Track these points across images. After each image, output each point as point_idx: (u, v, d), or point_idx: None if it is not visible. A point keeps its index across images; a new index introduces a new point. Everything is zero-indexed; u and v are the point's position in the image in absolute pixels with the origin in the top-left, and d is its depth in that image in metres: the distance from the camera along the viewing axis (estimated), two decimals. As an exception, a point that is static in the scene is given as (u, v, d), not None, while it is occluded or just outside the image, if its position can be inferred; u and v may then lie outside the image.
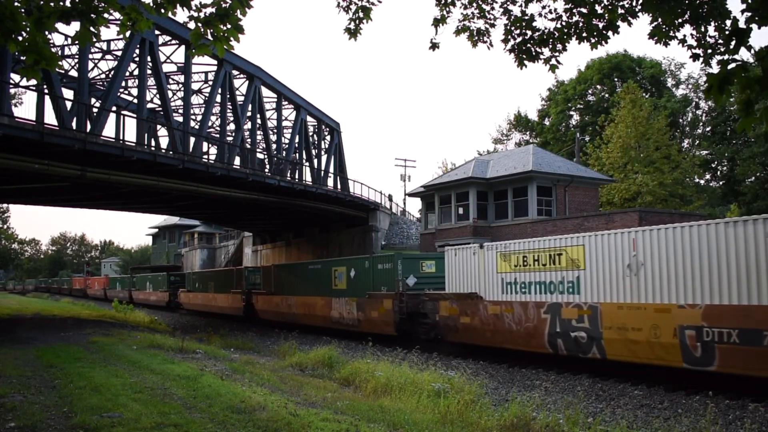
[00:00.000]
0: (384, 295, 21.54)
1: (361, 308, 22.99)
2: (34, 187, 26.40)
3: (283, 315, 29.64)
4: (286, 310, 29.30)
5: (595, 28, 7.54)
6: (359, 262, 23.95)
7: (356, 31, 8.03)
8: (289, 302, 29.09)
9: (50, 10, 4.95)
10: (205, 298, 40.80)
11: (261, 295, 32.45)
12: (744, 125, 4.47)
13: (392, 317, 20.89)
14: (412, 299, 20.47)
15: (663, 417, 10.80)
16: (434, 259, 22.22)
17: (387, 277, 21.82)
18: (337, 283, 25.01)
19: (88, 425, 7.41)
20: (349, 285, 24.13)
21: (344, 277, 24.59)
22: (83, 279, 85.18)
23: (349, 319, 23.81)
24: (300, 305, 27.97)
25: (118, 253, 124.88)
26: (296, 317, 28.31)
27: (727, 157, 49.68)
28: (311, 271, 27.79)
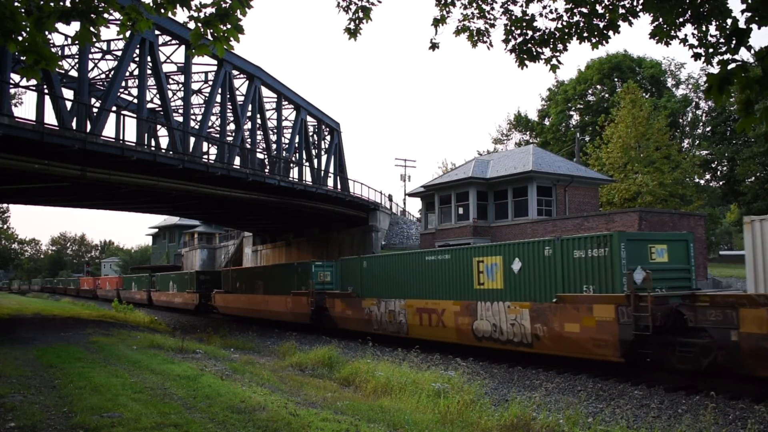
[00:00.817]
0: (593, 299, 14.21)
1: (541, 318, 15.49)
2: (34, 187, 26.40)
3: (380, 325, 22.37)
4: (388, 318, 21.90)
5: (596, 28, 7.54)
6: (531, 248, 16.27)
7: (356, 31, 8.03)
8: (392, 308, 21.70)
9: (50, 10, 4.95)
10: (251, 301, 34.41)
11: (340, 297, 25.39)
12: (744, 125, 4.47)
13: (614, 334, 13.52)
14: (660, 305, 13.01)
15: (663, 417, 10.80)
16: (666, 241, 15.08)
17: (593, 269, 14.48)
18: (483, 280, 17.72)
19: (88, 425, 7.40)
20: (509, 283, 16.80)
21: (498, 271, 17.16)
22: (92, 279, 80.00)
23: (516, 334, 16.32)
24: (414, 312, 20.46)
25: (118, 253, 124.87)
26: (407, 329, 20.87)
27: (727, 157, 49.67)
28: (432, 264, 20.05)
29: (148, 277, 55.01)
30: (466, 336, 18.14)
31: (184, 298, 44.30)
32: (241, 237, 58.11)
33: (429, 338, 19.74)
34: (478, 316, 17.70)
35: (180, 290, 45.39)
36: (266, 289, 32.71)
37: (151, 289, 53.27)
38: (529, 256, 16.25)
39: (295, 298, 28.76)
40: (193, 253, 66.01)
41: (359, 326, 23.36)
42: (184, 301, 44.15)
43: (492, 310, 17.22)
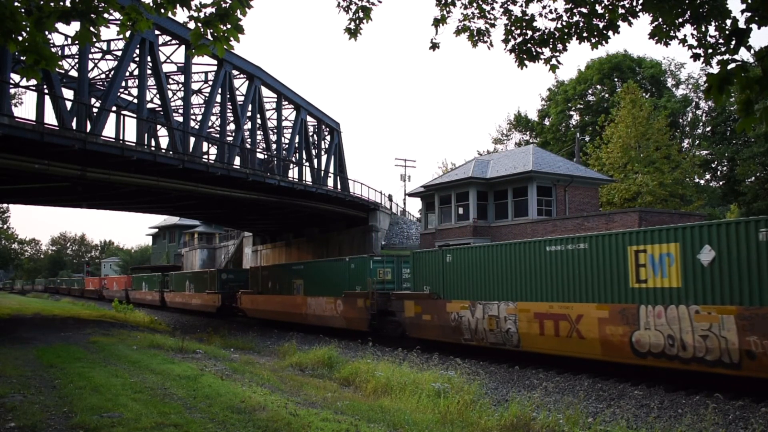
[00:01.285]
0: None
1: (760, 329, 11.23)
2: (34, 187, 26.41)
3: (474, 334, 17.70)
4: (487, 326, 17.21)
5: (596, 28, 7.54)
6: (731, 232, 12.02)
7: (356, 31, 8.03)
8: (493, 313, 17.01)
9: (50, 10, 4.95)
10: (287, 303, 30.02)
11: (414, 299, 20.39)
12: (744, 125, 4.46)
13: None
14: None
15: (663, 417, 10.80)
16: None
17: None
18: (646, 275, 13.36)
19: (88, 425, 7.40)
20: (694, 279, 12.51)
21: (673, 263, 12.87)
22: (98, 279, 75.78)
23: (710, 351, 11.99)
24: (530, 319, 15.84)
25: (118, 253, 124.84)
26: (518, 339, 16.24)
27: (727, 157, 49.69)
28: (557, 255, 15.34)
29: (161, 276, 50.49)
30: (619, 351, 13.64)
31: (203, 300, 39.89)
32: (241, 237, 58.13)
33: (554, 352, 15.34)
34: (641, 325, 13.18)
35: (198, 291, 41.26)
36: (308, 289, 28.21)
37: (164, 289, 49.20)
38: (727, 241, 11.95)
39: (348, 300, 24.20)
40: (193, 253, 66.03)
41: (441, 335, 19.03)
42: (204, 303, 39.75)
43: (666, 316, 12.73)
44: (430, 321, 19.54)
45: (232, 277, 38.64)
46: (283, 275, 31.62)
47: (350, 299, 24.13)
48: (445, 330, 18.90)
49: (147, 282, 54.19)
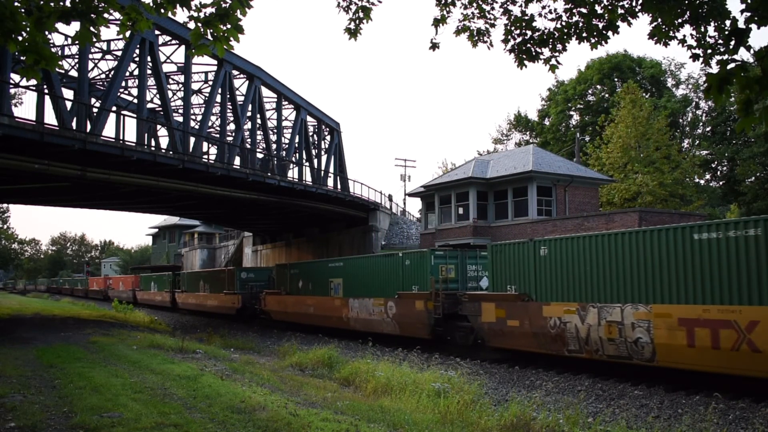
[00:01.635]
0: None
1: None
2: (34, 187, 26.41)
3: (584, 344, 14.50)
4: (605, 334, 13.91)
5: (595, 28, 7.55)
6: None
7: (356, 31, 8.04)
8: (615, 318, 13.72)
9: (50, 10, 4.95)
10: (322, 306, 26.55)
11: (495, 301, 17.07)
12: (743, 125, 4.47)
13: None
14: None
15: (663, 417, 10.80)
16: None
17: None
18: None
19: (88, 425, 7.41)
20: None
21: None
22: (103, 279, 72.13)
23: None
24: (673, 326, 12.61)
25: (118, 253, 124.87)
26: (652, 352, 12.99)
27: (727, 157, 49.70)
28: (712, 245, 12.28)
29: (172, 276, 47.38)
30: None
31: (220, 301, 36.37)
32: (241, 237, 58.14)
33: (710, 369, 12.02)
34: None
35: (214, 291, 37.76)
36: (348, 289, 24.74)
37: (175, 290, 45.81)
38: None
39: (403, 301, 20.98)
40: (193, 253, 66.05)
41: (534, 345, 15.75)
42: (221, 305, 36.28)
43: None
44: (518, 328, 16.08)
45: (253, 276, 35.13)
46: (316, 274, 27.93)
47: (406, 301, 20.73)
48: (541, 339, 15.41)
49: (156, 282, 50.87)
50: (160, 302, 48.73)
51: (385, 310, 22.02)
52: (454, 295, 19.43)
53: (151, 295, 51.12)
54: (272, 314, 31.66)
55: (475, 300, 17.85)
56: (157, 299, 49.37)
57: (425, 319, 19.73)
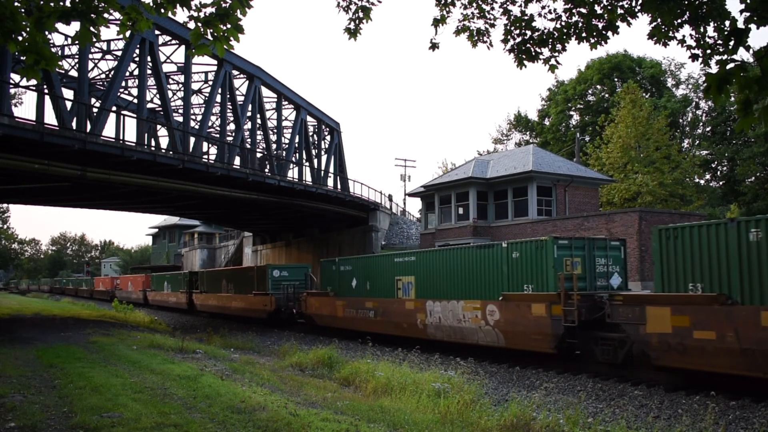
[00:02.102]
0: None
1: None
2: (34, 187, 26.42)
3: None
4: None
5: (595, 29, 7.56)
6: None
7: (356, 31, 8.05)
8: None
9: (50, 10, 4.95)
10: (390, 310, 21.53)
11: (672, 305, 12.65)
12: (743, 125, 4.47)
13: None
14: None
15: (663, 417, 10.80)
16: None
17: None
18: None
19: (88, 425, 7.41)
20: None
21: None
22: (110, 278, 67.31)
23: None
24: None
25: (118, 253, 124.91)
26: None
27: (727, 157, 49.71)
28: None
29: (188, 275, 43.30)
30: None
31: (248, 303, 32.19)
32: (241, 237, 58.16)
33: None
34: None
35: (241, 291, 33.39)
36: (424, 289, 20.19)
37: (192, 290, 41.51)
38: None
39: (512, 305, 16.32)
40: (193, 253, 66.08)
41: (744, 366, 11.32)
42: (249, 307, 32.09)
43: None
44: (716, 343, 11.66)
45: (287, 274, 30.73)
46: (377, 270, 22.93)
47: (516, 305, 16.20)
48: (759, 358, 11.07)
49: (170, 282, 47.04)
50: (174, 304, 45.03)
51: (482, 315, 17.24)
52: (591, 296, 15.33)
53: (165, 296, 47.48)
54: (316, 318, 26.88)
55: (634, 303, 13.56)
56: (171, 300, 45.65)
57: (548, 328, 15.28)
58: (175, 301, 44.74)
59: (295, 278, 30.54)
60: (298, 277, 30.67)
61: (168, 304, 46.69)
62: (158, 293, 49.19)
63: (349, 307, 24.07)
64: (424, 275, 20.34)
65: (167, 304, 46.86)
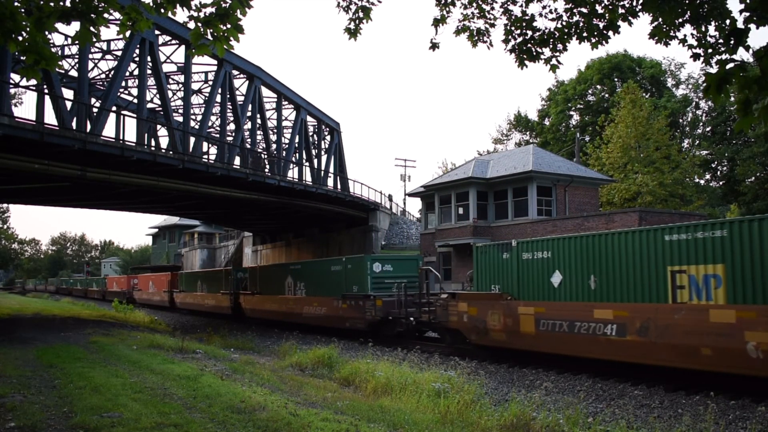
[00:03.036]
0: None
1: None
2: (34, 187, 26.41)
3: None
4: None
5: (596, 28, 7.55)
6: None
7: (356, 31, 8.04)
8: None
9: (50, 10, 4.95)
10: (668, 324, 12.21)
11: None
12: (742, 125, 4.47)
13: None
14: None
15: (663, 417, 10.80)
16: None
17: None
18: None
19: (88, 425, 7.41)
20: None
21: None
22: (126, 278, 60.23)
23: None
24: None
25: (118, 253, 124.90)
26: None
27: (727, 157, 49.70)
28: None
29: (234, 272, 35.19)
30: None
31: (331, 309, 24.08)
32: (241, 237, 58.16)
33: None
34: None
35: (316, 293, 25.62)
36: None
37: (239, 291, 33.52)
38: None
39: None
40: (193, 253, 66.07)
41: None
42: (335, 314, 23.87)
43: None
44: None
45: (391, 269, 22.52)
46: (616, 255, 13.93)
47: None
48: None
49: (206, 281, 39.10)
50: (212, 307, 37.62)
51: None
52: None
53: (197, 298, 40.18)
54: (476, 334, 16.98)
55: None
56: (208, 304, 38.16)
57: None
58: (213, 304, 37.28)
59: (405, 274, 22.57)
60: (407, 273, 22.64)
61: (204, 308, 39.33)
62: (189, 294, 41.82)
63: (553, 318, 14.88)
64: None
65: (203, 307, 39.41)
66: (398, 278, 22.38)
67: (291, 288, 28.19)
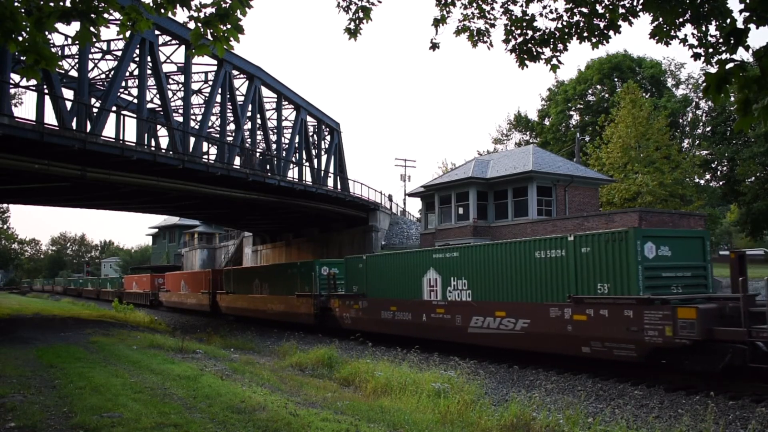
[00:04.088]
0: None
1: None
2: (34, 187, 26.41)
3: None
4: None
5: (596, 28, 7.55)
6: None
7: (356, 31, 8.05)
8: None
9: (50, 10, 4.95)
10: None
11: None
12: (742, 125, 4.46)
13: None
14: None
15: (663, 417, 10.80)
16: None
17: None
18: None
19: (88, 425, 7.41)
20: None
21: None
22: (149, 277, 51.35)
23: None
24: None
25: (118, 253, 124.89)
26: None
27: (727, 157, 49.67)
28: None
29: (315, 266, 26.55)
30: None
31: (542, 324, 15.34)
32: (241, 237, 58.15)
33: None
34: None
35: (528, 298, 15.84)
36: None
37: (326, 292, 25.30)
38: None
39: None
40: (193, 253, 66.05)
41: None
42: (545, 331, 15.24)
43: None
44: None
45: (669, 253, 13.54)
46: None
47: None
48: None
49: (267, 279, 31.41)
50: (280, 314, 29.43)
51: None
52: None
53: (258, 302, 31.82)
54: None
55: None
56: (274, 309, 30.00)
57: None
58: (282, 309, 28.99)
59: (687, 263, 13.85)
60: (692, 261, 13.94)
61: (268, 314, 30.90)
62: (242, 297, 33.72)
63: None
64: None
65: (266, 313, 31.06)
66: (681, 269, 13.82)
67: (431, 287, 19.07)
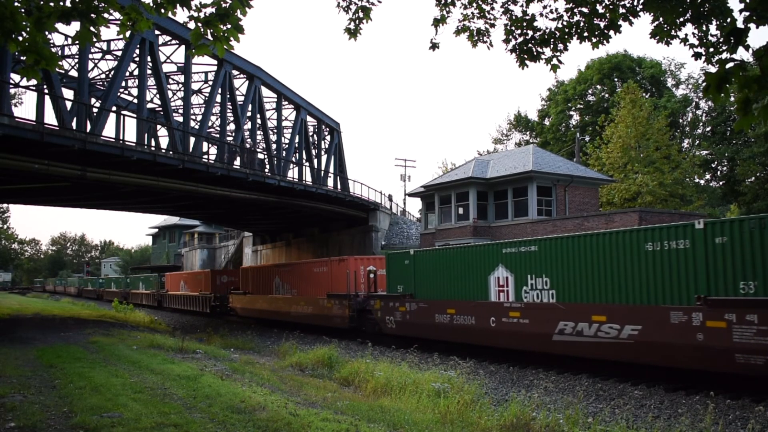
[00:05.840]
0: None
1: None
2: (34, 187, 26.40)
3: None
4: None
5: (597, 28, 7.55)
6: None
7: (356, 31, 8.05)
8: None
9: (50, 10, 4.95)
10: None
11: None
12: (742, 124, 4.46)
13: None
14: None
15: (663, 417, 10.80)
16: None
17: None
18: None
19: (88, 425, 7.41)
20: None
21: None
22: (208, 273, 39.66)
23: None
24: None
25: (118, 253, 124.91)
26: None
27: (727, 157, 49.68)
28: None
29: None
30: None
31: None
32: (241, 237, 58.16)
33: None
34: None
35: None
36: None
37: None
38: None
39: None
40: (193, 253, 66.06)
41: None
42: None
43: None
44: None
45: None
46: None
47: None
48: None
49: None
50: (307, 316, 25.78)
51: None
52: None
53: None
54: None
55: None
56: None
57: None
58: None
59: None
60: None
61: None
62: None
63: None
64: None
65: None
66: None
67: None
